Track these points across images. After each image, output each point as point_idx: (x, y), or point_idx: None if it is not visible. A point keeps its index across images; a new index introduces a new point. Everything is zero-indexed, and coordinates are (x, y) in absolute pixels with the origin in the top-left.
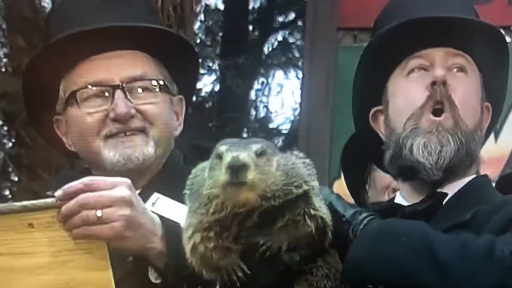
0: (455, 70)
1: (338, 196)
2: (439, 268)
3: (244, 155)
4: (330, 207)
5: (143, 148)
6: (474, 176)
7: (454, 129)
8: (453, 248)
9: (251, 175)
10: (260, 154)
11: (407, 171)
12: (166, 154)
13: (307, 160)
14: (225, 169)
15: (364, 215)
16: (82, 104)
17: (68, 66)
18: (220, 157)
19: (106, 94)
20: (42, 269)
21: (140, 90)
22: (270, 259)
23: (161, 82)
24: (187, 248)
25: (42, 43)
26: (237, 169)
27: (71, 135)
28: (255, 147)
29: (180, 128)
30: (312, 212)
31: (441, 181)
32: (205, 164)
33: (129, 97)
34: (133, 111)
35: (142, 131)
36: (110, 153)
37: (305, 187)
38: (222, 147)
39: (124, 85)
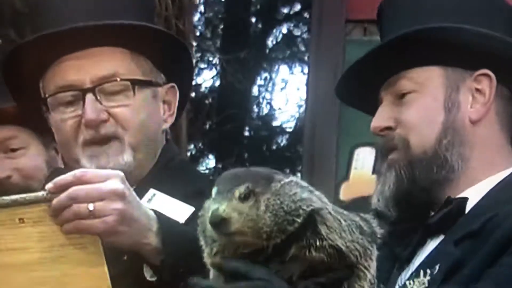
0: (402, 95)
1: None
2: None
3: (223, 207)
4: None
5: (119, 158)
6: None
7: (396, 162)
8: None
9: (235, 226)
10: (245, 197)
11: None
12: (155, 151)
13: (305, 185)
14: (208, 222)
15: None
16: (56, 110)
17: (41, 69)
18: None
19: (78, 98)
20: (34, 265)
21: (111, 90)
22: None
23: (138, 78)
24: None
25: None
26: (218, 224)
27: (57, 139)
28: (239, 191)
29: (171, 119)
30: (318, 243)
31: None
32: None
33: (100, 99)
34: (104, 115)
35: (117, 138)
36: (87, 164)
37: (300, 220)
38: (214, 189)
39: (95, 87)
